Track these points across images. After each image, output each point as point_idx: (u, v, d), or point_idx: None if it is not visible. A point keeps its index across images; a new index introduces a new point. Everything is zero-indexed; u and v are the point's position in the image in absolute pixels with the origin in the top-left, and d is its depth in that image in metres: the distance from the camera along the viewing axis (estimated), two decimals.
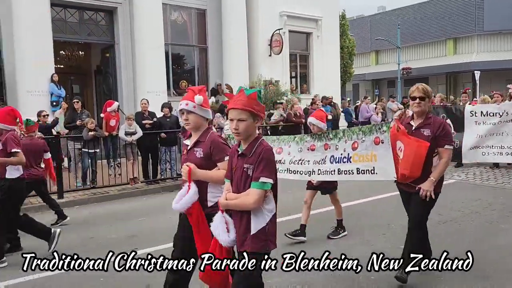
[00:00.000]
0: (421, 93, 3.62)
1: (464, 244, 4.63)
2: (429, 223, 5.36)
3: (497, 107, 8.05)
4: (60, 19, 12.39)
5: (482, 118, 8.14)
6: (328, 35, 17.26)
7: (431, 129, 3.57)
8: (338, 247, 4.70)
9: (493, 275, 3.78)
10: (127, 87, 13.09)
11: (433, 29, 32.86)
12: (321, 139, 4.55)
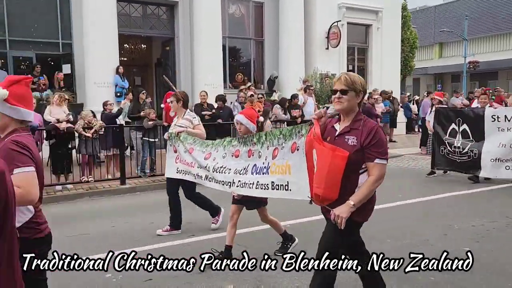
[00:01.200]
0: (343, 84, 2.65)
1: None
2: (496, 226, 5.06)
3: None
4: (125, 14, 12.97)
5: (507, 124, 7.11)
6: (389, 27, 16.64)
7: (358, 136, 2.62)
8: None
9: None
10: (185, 79, 13.46)
11: (504, 19, 30.54)
12: (246, 144, 3.81)
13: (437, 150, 8.23)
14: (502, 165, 7.10)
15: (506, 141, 7.10)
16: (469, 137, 7.67)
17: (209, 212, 5.40)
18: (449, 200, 6.56)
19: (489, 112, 7.32)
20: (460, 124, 7.81)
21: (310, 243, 4.59)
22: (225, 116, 9.29)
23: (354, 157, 2.58)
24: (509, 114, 7.11)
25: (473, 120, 7.59)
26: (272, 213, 4.50)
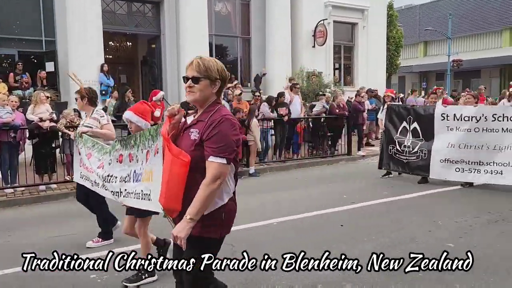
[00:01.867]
0: (195, 71, 2.25)
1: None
2: (479, 221, 5.15)
3: (474, 110, 6.85)
4: (109, 11, 12.82)
5: (456, 122, 6.87)
6: (375, 25, 16.77)
7: (200, 129, 2.21)
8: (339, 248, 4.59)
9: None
10: (172, 77, 13.37)
11: (488, 19, 31.08)
12: (127, 147, 3.26)
13: (385, 149, 7.91)
14: (452, 167, 6.89)
15: (455, 141, 6.87)
16: (419, 136, 7.41)
17: (101, 229, 4.83)
18: (430, 197, 6.64)
19: (439, 110, 7.08)
20: (411, 122, 7.51)
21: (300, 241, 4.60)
22: None
23: (196, 154, 2.17)
24: (459, 112, 6.91)
25: (424, 118, 7.29)
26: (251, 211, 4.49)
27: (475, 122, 6.68)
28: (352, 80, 16.92)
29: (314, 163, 10.30)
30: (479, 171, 6.72)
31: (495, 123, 6.59)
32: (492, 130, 6.60)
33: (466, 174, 6.83)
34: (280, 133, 10.16)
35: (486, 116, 6.59)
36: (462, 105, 8.05)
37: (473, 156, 6.73)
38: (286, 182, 8.25)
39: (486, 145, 6.63)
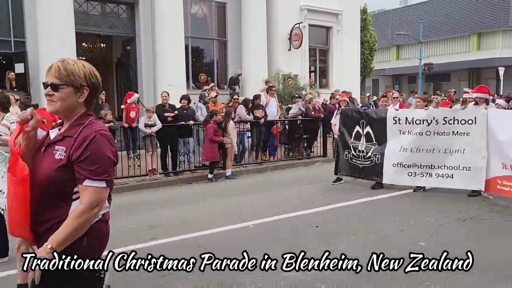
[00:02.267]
0: (55, 76, 1.88)
1: (483, 242, 4.54)
2: (449, 220, 5.32)
3: (425, 113, 6.82)
4: (82, 12, 12.57)
5: (407, 126, 6.84)
6: (349, 29, 17.06)
7: (67, 147, 1.85)
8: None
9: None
10: (147, 79, 13.22)
11: (456, 24, 32.11)
12: (5, 161, 2.76)
13: (342, 155, 7.80)
14: (404, 171, 6.85)
15: (408, 145, 6.82)
16: (373, 140, 7.32)
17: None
18: (402, 198, 6.80)
19: (391, 114, 7.02)
20: (364, 126, 7.41)
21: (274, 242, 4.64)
22: (188, 117, 9.20)
23: (59, 176, 1.81)
24: (410, 116, 6.86)
25: (376, 122, 7.20)
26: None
27: (426, 125, 6.68)
28: (328, 82, 17.16)
29: (290, 165, 10.39)
30: (431, 175, 6.71)
31: (446, 126, 6.61)
32: (443, 133, 6.64)
33: (418, 178, 6.79)
34: (257, 136, 10.21)
35: (437, 120, 6.62)
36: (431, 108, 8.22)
37: (425, 159, 6.72)
38: (263, 184, 8.29)
39: (437, 149, 6.64)
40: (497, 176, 6.12)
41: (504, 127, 6.08)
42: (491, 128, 6.22)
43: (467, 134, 6.47)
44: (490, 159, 6.22)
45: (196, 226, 5.42)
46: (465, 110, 6.76)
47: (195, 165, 9.42)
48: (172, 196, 7.56)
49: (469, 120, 6.45)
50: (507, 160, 5.95)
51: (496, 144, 6.15)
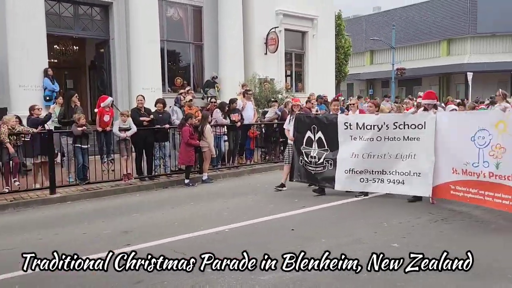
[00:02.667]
0: None
1: (454, 243, 4.67)
2: (420, 222, 5.45)
3: (375, 118, 6.76)
4: (54, 13, 12.30)
5: (359, 131, 6.78)
6: (324, 34, 17.30)
7: None
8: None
9: (484, 274, 3.83)
10: (122, 83, 13.04)
11: (427, 30, 33.04)
12: None
13: (297, 160, 7.62)
14: (356, 177, 6.79)
15: (359, 151, 6.75)
16: (324, 146, 7.18)
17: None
18: (375, 200, 6.92)
19: (341, 119, 6.95)
20: (316, 132, 7.26)
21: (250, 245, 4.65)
22: (163, 121, 9.11)
23: None
24: (361, 121, 6.78)
25: (328, 127, 7.10)
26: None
27: (377, 130, 6.62)
28: (303, 86, 17.32)
29: (267, 168, 10.43)
30: (383, 181, 6.68)
31: (396, 131, 6.55)
32: (394, 139, 6.57)
33: (370, 184, 6.76)
34: (233, 139, 10.20)
35: (388, 125, 6.56)
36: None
37: (376, 165, 6.67)
38: (239, 188, 8.29)
39: (388, 154, 6.60)
40: (449, 181, 6.07)
41: (452, 130, 6.07)
42: (440, 132, 6.17)
43: (417, 139, 6.41)
44: (440, 164, 6.16)
45: (171, 231, 5.37)
46: (415, 115, 6.66)
47: (171, 169, 9.33)
48: (148, 201, 7.46)
49: (418, 125, 6.40)
50: (457, 164, 5.92)
51: (445, 148, 6.11)
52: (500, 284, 3.61)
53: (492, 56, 29.97)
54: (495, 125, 5.42)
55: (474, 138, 5.65)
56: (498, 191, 5.40)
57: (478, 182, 5.64)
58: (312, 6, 16.69)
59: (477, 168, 5.61)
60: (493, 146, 5.42)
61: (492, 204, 5.54)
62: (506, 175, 5.30)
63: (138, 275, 3.91)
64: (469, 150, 5.69)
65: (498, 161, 5.36)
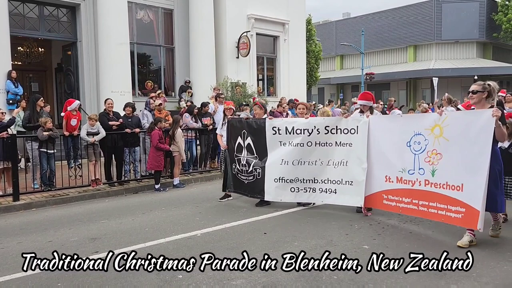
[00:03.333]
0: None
1: (422, 243, 4.79)
2: (390, 224, 5.56)
3: (305, 122, 6.32)
4: (18, 14, 11.90)
5: (288, 136, 6.31)
6: (295, 39, 17.48)
7: None
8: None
9: (450, 273, 3.93)
10: (90, 86, 12.73)
11: (394, 37, 34.02)
12: None
13: (230, 169, 7.08)
14: (287, 187, 6.33)
15: (289, 157, 6.28)
16: (254, 153, 6.68)
17: None
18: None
19: (269, 124, 6.45)
20: (245, 137, 6.76)
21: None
22: (133, 125, 8.94)
23: None
24: (290, 125, 6.32)
25: (257, 133, 6.59)
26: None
27: (307, 135, 6.19)
28: (275, 90, 17.43)
29: None
30: (314, 190, 6.28)
31: (328, 136, 6.15)
32: (326, 144, 6.17)
33: (301, 194, 6.35)
34: (205, 143, 10.13)
35: (319, 129, 6.15)
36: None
37: (307, 173, 6.25)
38: (211, 192, 8.21)
39: (319, 160, 6.19)
40: (381, 190, 5.65)
41: (387, 135, 5.64)
42: (374, 137, 5.76)
43: (349, 145, 6.00)
44: (373, 171, 5.76)
45: (141, 237, 5.26)
46: (348, 118, 6.16)
47: (141, 174, 9.16)
48: (117, 206, 7.29)
49: (351, 129, 5.99)
50: (391, 171, 5.50)
51: (379, 154, 5.69)
52: (464, 283, 3.71)
53: (455, 61, 31.16)
54: (431, 129, 5.02)
55: (410, 143, 5.27)
56: (433, 200, 4.98)
57: (413, 191, 5.22)
58: (283, 11, 16.85)
59: (412, 176, 5.22)
60: (429, 152, 5.04)
61: (426, 214, 5.10)
62: (441, 183, 4.89)
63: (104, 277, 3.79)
64: (405, 157, 5.29)
65: (434, 168, 4.97)
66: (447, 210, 4.82)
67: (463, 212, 4.64)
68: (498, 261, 4.19)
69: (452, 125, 4.81)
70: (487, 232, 5.06)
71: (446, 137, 4.86)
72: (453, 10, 31.17)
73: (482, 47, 32.90)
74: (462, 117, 4.98)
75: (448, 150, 4.83)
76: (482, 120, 4.49)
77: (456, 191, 4.72)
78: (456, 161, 4.74)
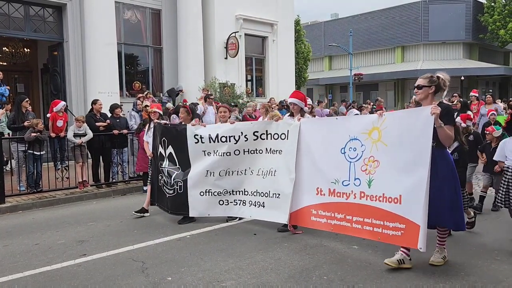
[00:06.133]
0: None
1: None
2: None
3: (231, 128, 5.68)
4: (3, 14, 11.71)
5: (212, 145, 5.66)
6: (283, 39, 17.51)
7: None
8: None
9: (440, 273, 3.96)
10: (77, 87, 12.57)
11: (382, 38, 34.33)
12: None
13: (156, 181, 6.25)
14: (215, 200, 5.67)
15: (215, 168, 5.65)
16: (176, 164, 5.90)
17: None
18: None
19: (191, 131, 5.78)
20: (166, 145, 6.00)
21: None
22: (121, 126, 8.85)
23: None
24: (214, 132, 5.68)
25: (178, 140, 5.87)
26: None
27: (234, 143, 5.56)
28: (264, 91, 17.43)
29: None
30: (244, 203, 5.62)
31: (257, 143, 5.51)
32: (255, 151, 5.54)
33: (231, 207, 5.69)
34: None
35: (246, 135, 5.52)
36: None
37: (236, 184, 5.64)
38: None
39: (250, 170, 5.57)
40: (311, 204, 4.88)
41: (319, 141, 4.91)
42: (305, 143, 5.04)
43: (279, 152, 5.33)
44: (303, 183, 5.00)
45: (130, 239, 5.20)
46: (278, 122, 5.47)
47: (129, 176, 9.07)
48: (105, 208, 7.20)
49: (281, 134, 5.33)
50: (323, 182, 4.75)
51: (310, 163, 4.96)
52: (452, 282, 3.74)
53: (443, 62, 31.55)
54: (368, 133, 4.31)
55: (344, 149, 4.54)
56: (368, 216, 4.23)
57: (347, 205, 4.46)
58: (272, 12, 16.86)
59: (347, 188, 4.48)
60: (365, 159, 4.31)
61: (360, 232, 4.33)
62: (378, 195, 4.16)
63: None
64: (339, 165, 4.57)
65: (371, 178, 4.24)
66: (383, 227, 4.08)
67: (402, 229, 3.91)
68: (485, 259, 4.23)
69: (391, 128, 4.12)
70: (475, 230, 5.11)
71: (384, 141, 4.15)
72: (440, 11, 31.57)
73: (468, 48, 33.38)
74: (401, 117, 4.18)
75: (386, 157, 4.13)
76: (421, 120, 3.81)
77: (394, 203, 3.99)
78: (394, 169, 4.04)
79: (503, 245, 4.64)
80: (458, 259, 4.24)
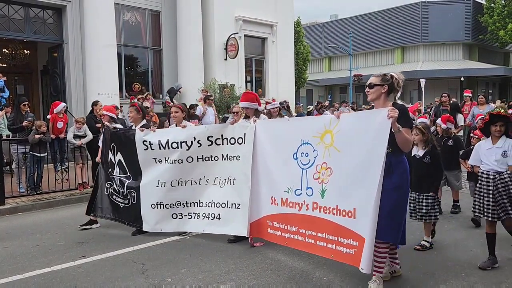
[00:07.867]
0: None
1: (409, 243, 4.82)
2: None
3: (184, 133, 5.16)
4: (2, 15, 11.73)
5: (163, 152, 5.15)
6: (283, 40, 17.53)
7: None
8: None
9: (439, 273, 3.96)
10: (77, 88, 12.59)
11: (382, 38, 34.35)
12: None
13: (103, 188, 5.78)
14: (168, 213, 5.18)
15: (166, 178, 5.14)
16: (127, 172, 5.46)
17: None
18: None
19: (139, 136, 5.26)
20: (115, 152, 5.55)
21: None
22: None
23: None
24: (164, 138, 5.15)
25: (127, 147, 5.39)
26: None
27: (186, 149, 5.06)
28: (264, 92, 17.44)
29: None
30: (198, 216, 5.10)
31: (212, 148, 5.01)
32: (210, 158, 5.05)
33: (185, 221, 5.18)
34: None
35: (200, 140, 5.02)
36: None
37: (190, 195, 5.14)
38: None
39: (204, 179, 5.09)
40: (267, 214, 4.45)
41: (272, 145, 4.47)
42: (260, 148, 4.60)
43: (237, 158, 4.88)
44: (260, 191, 4.56)
45: (130, 240, 5.19)
46: (234, 125, 5.02)
47: None
48: None
49: (238, 139, 4.88)
50: (276, 191, 4.30)
51: (266, 170, 4.51)
52: (452, 283, 3.74)
53: (442, 63, 31.57)
54: (320, 137, 3.86)
55: (297, 155, 4.09)
56: (322, 230, 3.78)
57: (300, 217, 4.01)
58: (272, 13, 16.88)
59: (299, 197, 4.02)
60: (318, 166, 3.87)
61: (313, 248, 3.88)
62: (331, 207, 3.71)
63: None
64: (291, 172, 4.11)
65: (324, 187, 3.79)
66: (337, 243, 3.63)
67: (356, 247, 3.44)
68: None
69: (344, 131, 3.67)
70: (475, 231, 5.10)
71: (337, 147, 3.70)
72: (439, 12, 31.60)
73: (468, 48, 33.40)
74: (355, 120, 3.70)
75: (339, 164, 3.68)
76: (376, 123, 3.38)
77: (348, 218, 3.53)
78: (347, 178, 3.59)
79: (503, 246, 4.64)
80: (458, 260, 4.24)
